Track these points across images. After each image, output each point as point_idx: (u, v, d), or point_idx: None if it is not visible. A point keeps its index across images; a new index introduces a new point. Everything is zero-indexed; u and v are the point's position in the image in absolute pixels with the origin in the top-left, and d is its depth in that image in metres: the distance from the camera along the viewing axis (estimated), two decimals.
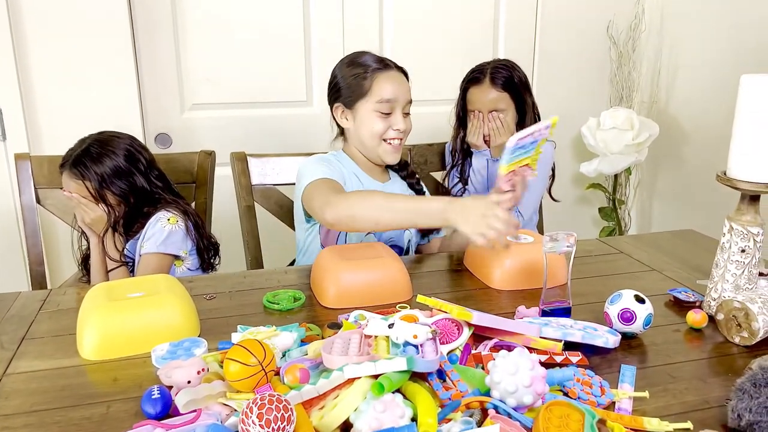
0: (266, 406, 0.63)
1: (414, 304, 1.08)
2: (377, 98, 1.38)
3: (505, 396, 0.72)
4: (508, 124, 1.68)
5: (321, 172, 1.34)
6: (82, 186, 1.40)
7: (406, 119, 1.42)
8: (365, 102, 1.39)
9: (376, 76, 1.39)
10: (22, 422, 0.77)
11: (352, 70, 1.41)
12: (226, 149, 1.73)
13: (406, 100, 1.41)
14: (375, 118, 1.39)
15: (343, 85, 1.42)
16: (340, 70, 1.44)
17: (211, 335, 0.98)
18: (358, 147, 1.45)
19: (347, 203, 1.20)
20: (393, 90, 1.39)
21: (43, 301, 1.14)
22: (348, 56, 1.45)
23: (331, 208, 1.20)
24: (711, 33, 2.11)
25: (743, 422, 0.71)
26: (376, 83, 1.38)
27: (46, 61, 1.87)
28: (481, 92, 1.68)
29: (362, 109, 1.40)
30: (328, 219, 1.20)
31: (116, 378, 0.87)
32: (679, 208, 2.33)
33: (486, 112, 1.68)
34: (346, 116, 1.44)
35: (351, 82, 1.40)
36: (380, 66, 1.40)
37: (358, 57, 1.43)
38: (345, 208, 1.19)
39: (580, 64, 2.38)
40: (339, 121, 1.45)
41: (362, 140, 1.43)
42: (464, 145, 1.76)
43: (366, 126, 1.40)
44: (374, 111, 1.39)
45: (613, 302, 0.96)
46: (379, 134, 1.40)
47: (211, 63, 2.06)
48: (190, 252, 1.49)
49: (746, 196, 0.98)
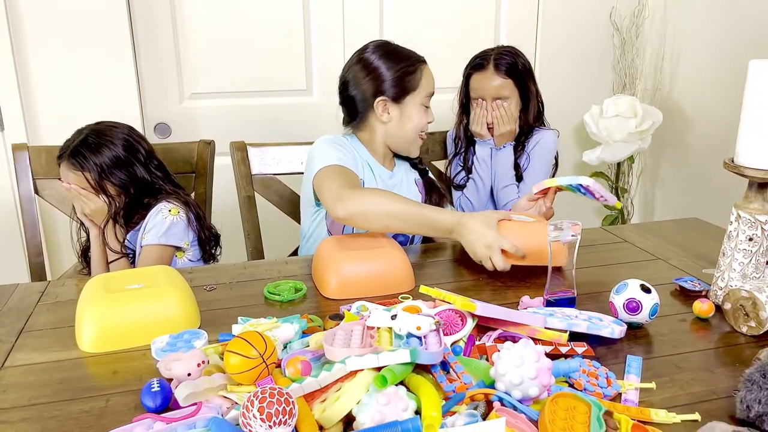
0: (267, 399, 0.62)
1: (417, 295, 1.07)
2: (425, 91, 1.40)
3: (511, 388, 0.71)
4: (512, 111, 1.66)
5: (334, 156, 1.31)
6: (81, 177, 1.39)
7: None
8: (415, 96, 1.39)
9: (421, 70, 1.39)
10: (19, 416, 0.76)
11: (395, 62, 1.38)
12: (225, 139, 1.72)
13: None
14: (421, 112, 1.41)
15: (388, 78, 1.38)
16: (381, 61, 1.39)
17: (212, 327, 0.97)
18: (390, 139, 1.43)
19: (360, 202, 1.17)
20: (432, 83, 1.42)
21: (42, 293, 1.13)
22: (376, 46, 1.41)
23: (344, 205, 1.18)
24: (715, 19, 2.08)
25: (752, 413, 0.70)
26: (423, 77, 1.39)
27: (44, 51, 1.86)
28: (485, 79, 1.66)
29: (411, 103, 1.40)
30: (340, 214, 1.19)
31: (115, 371, 0.86)
32: (683, 197, 2.32)
33: (489, 99, 1.66)
34: (389, 110, 1.40)
35: (399, 75, 1.38)
36: (421, 58, 1.41)
37: (392, 47, 1.41)
38: (358, 206, 1.17)
39: (583, 51, 2.35)
40: (379, 115, 1.40)
41: (404, 134, 1.42)
42: (467, 133, 1.74)
43: (413, 120, 1.41)
44: (421, 105, 1.40)
45: (619, 292, 0.95)
46: (423, 127, 1.43)
47: (210, 52, 2.04)
48: (192, 243, 1.47)
49: (754, 184, 0.96)
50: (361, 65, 1.41)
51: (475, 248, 1.13)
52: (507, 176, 1.68)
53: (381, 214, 1.16)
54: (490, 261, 1.12)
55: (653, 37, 2.34)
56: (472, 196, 1.73)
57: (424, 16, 2.19)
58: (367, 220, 1.18)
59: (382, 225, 1.18)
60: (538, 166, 1.70)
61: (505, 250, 1.11)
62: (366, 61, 1.40)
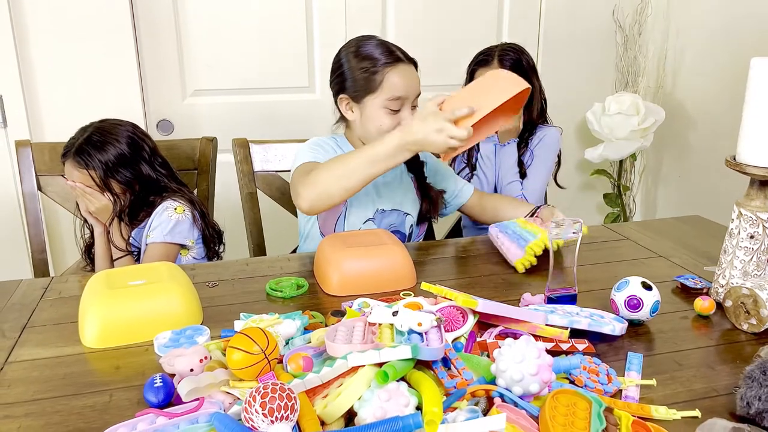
0: (269, 395, 0.63)
1: (418, 292, 1.07)
2: (388, 95, 1.30)
3: (511, 384, 0.71)
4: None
5: (308, 157, 1.31)
6: (86, 175, 1.39)
7: (414, 112, 1.35)
8: (374, 98, 1.31)
9: (387, 71, 1.30)
10: (23, 411, 0.76)
11: (360, 62, 1.32)
12: (227, 135, 1.72)
13: (415, 94, 1.34)
14: (383, 115, 1.32)
15: (350, 77, 1.33)
16: (346, 59, 1.35)
17: (214, 323, 0.97)
18: (362, 139, 1.39)
19: (311, 186, 1.18)
20: (404, 86, 1.31)
21: (45, 289, 1.13)
22: (354, 42, 1.36)
23: (302, 198, 1.19)
24: (718, 16, 2.08)
25: (752, 410, 0.70)
26: (387, 79, 1.30)
27: (47, 48, 1.86)
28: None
29: (370, 105, 1.32)
30: (303, 208, 1.20)
31: (118, 366, 0.86)
32: (684, 194, 2.31)
33: None
34: (352, 108, 1.37)
35: (359, 75, 1.31)
36: (390, 60, 1.31)
37: (365, 46, 1.33)
38: (311, 191, 1.18)
39: (585, 48, 2.35)
40: (343, 112, 1.38)
41: (369, 134, 1.36)
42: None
43: (373, 122, 1.33)
44: (383, 108, 1.32)
45: (620, 289, 0.95)
46: (387, 131, 1.31)
47: (212, 49, 2.04)
48: (197, 241, 1.48)
49: (756, 182, 0.96)
50: (334, 60, 1.39)
51: (431, 140, 1.11)
52: (511, 173, 1.69)
53: (333, 181, 1.16)
54: (448, 137, 1.10)
55: (656, 34, 2.34)
56: None
57: (426, 13, 2.19)
58: (326, 197, 1.18)
59: (341, 191, 1.17)
60: (541, 163, 1.71)
61: (457, 120, 1.10)
62: (337, 56, 1.38)
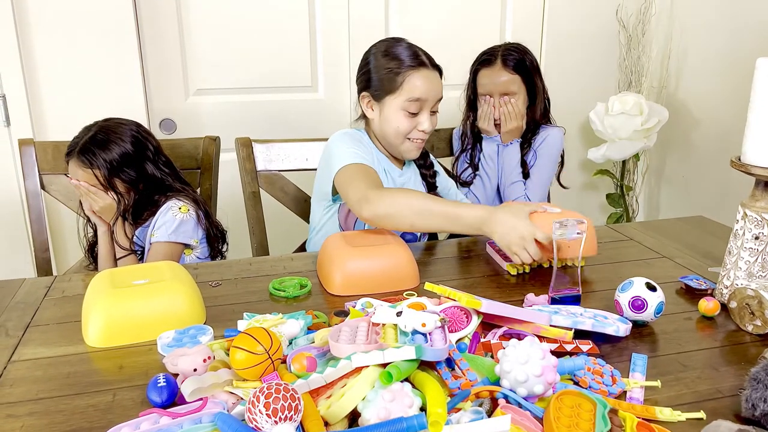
0: (273, 395, 0.62)
1: (421, 292, 1.07)
2: (407, 97, 1.35)
3: (516, 385, 0.71)
4: (519, 108, 1.66)
5: (354, 154, 1.31)
6: (90, 174, 1.39)
7: (434, 117, 1.40)
8: (394, 98, 1.36)
9: (410, 74, 1.34)
10: (27, 410, 0.76)
11: (386, 62, 1.36)
12: (230, 135, 1.72)
13: (435, 99, 1.38)
14: (402, 117, 1.36)
15: (374, 76, 1.38)
16: (374, 58, 1.39)
17: (217, 323, 0.97)
18: (380, 138, 1.43)
19: (386, 202, 1.18)
20: (424, 89, 1.35)
21: (48, 288, 1.13)
22: (384, 43, 1.41)
23: (369, 206, 1.18)
24: (722, 16, 2.07)
25: (757, 412, 0.70)
26: (408, 81, 1.34)
27: (50, 46, 1.86)
28: (493, 74, 1.65)
29: (390, 105, 1.37)
30: (365, 216, 1.19)
31: (122, 366, 0.86)
32: (688, 195, 2.31)
33: (497, 95, 1.65)
34: (372, 107, 1.41)
35: (383, 75, 1.36)
36: (415, 63, 1.35)
37: (394, 48, 1.38)
38: (383, 208, 1.18)
39: (589, 48, 2.34)
40: (364, 109, 1.43)
41: (385, 134, 1.40)
42: (474, 130, 1.74)
43: (391, 123, 1.38)
44: (402, 109, 1.36)
45: (624, 290, 0.95)
46: (404, 133, 1.38)
47: (215, 47, 2.04)
48: (201, 241, 1.48)
49: (761, 182, 0.96)
50: (363, 58, 1.43)
51: (509, 240, 1.12)
52: (514, 173, 1.68)
53: (408, 214, 1.16)
54: (525, 252, 1.11)
55: (659, 34, 2.33)
56: (478, 193, 1.73)
57: (430, 12, 2.18)
58: (393, 221, 1.18)
59: (408, 224, 1.18)
60: (544, 163, 1.70)
61: (539, 240, 1.11)
62: (366, 54, 1.43)
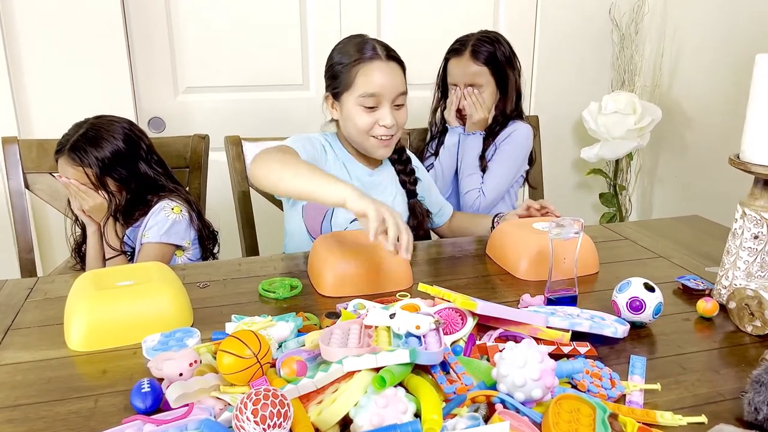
0: (261, 401, 0.61)
1: (415, 293, 1.05)
2: (360, 92, 1.29)
3: (513, 390, 0.69)
4: (485, 100, 1.63)
5: (290, 142, 1.30)
6: (81, 172, 1.35)
7: (399, 112, 1.33)
8: (350, 95, 1.31)
9: (360, 68, 1.29)
10: (5, 417, 0.73)
11: (339, 58, 1.33)
12: (220, 133, 1.69)
13: (395, 92, 1.31)
14: (359, 113, 1.31)
15: (328, 75, 1.35)
16: (332, 56, 1.36)
17: (205, 325, 0.94)
18: (348, 138, 1.39)
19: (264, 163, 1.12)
20: (378, 83, 1.28)
21: (30, 290, 1.10)
22: (342, 40, 1.37)
23: (252, 166, 1.14)
24: (715, 15, 2.06)
25: (761, 416, 0.68)
26: (359, 75, 1.29)
27: (37, 43, 1.83)
28: (460, 65, 1.63)
29: (347, 103, 1.32)
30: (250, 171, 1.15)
31: (105, 370, 0.84)
32: (681, 194, 2.30)
33: (463, 85, 1.63)
34: (335, 107, 1.37)
35: (337, 71, 1.32)
36: (363, 56, 1.29)
37: (346, 44, 1.34)
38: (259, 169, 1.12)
39: (582, 47, 2.33)
40: (330, 111, 1.39)
41: (349, 133, 1.36)
42: (443, 119, 1.73)
43: (350, 120, 1.32)
44: (358, 105, 1.30)
45: (622, 290, 0.93)
46: (364, 130, 1.32)
47: (205, 45, 2.01)
48: (193, 242, 1.45)
49: (760, 180, 0.94)
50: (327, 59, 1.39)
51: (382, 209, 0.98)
52: (473, 164, 1.65)
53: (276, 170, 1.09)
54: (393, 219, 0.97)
55: (653, 33, 2.32)
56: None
57: (422, 10, 2.17)
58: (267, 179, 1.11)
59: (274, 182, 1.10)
60: (503, 159, 1.67)
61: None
62: (329, 55, 1.38)
